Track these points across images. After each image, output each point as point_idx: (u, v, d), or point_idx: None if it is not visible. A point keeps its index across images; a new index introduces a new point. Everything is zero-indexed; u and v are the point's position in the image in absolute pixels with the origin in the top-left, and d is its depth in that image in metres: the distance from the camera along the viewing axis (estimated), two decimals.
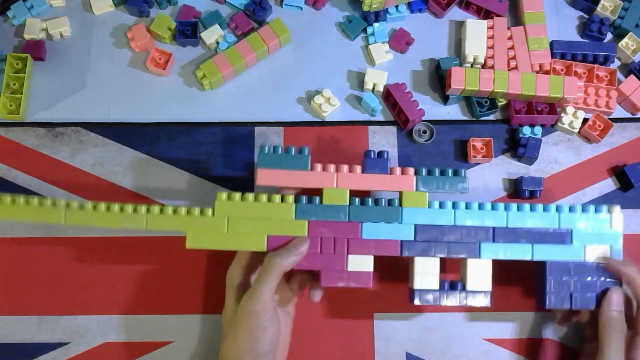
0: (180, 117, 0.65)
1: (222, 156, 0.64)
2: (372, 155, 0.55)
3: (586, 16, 0.70)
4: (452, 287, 0.55)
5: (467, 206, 0.55)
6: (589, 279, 0.56)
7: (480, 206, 0.55)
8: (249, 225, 0.53)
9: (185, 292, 0.60)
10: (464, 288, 0.55)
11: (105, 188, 0.62)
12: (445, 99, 0.66)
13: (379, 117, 0.66)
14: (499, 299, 0.60)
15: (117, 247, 0.61)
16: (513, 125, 0.65)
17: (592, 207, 0.56)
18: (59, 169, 0.63)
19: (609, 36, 0.69)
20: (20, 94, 0.63)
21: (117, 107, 0.65)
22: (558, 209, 0.56)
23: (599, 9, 0.68)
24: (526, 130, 0.64)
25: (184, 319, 0.59)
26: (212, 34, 0.67)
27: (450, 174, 0.55)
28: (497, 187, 0.64)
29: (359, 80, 0.67)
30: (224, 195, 0.54)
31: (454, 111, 0.66)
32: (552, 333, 0.60)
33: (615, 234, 0.56)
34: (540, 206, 0.56)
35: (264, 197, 0.54)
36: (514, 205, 0.55)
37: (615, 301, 0.54)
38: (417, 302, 0.54)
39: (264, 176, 0.54)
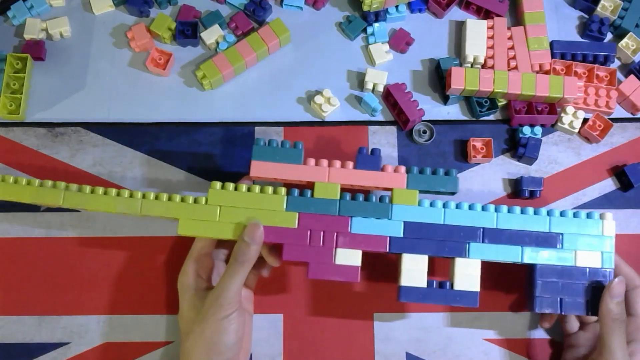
0: (180, 117, 0.65)
1: (222, 156, 0.64)
2: (365, 152, 0.56)
3: (586, 16, 0.70)
4: (441, 286, 0.55)
5: (458, 206, 0.56)
6: (578, 282, 0.55)
7: (471, 207, 0.56)
8: (241, 215, 0.55)
9: None
10: (451, 288, 0.55)
11: None
12: (445, 99, 0.66)
13: (379, 117, 0.66)
14: (499, 299, 0.61)
15: (117, 247, 0.61)
16: (513, 125, 0.65)
17: (583, 213, 0.56)
18: (59, 169, 0.63)
19: (609, 36, 0.69)
20: (20, 94, 0.63)
21: (117, 107, 0.65)
22: (549, 212, 0.56)
23: (599, 9, 0.68)
24: (526, 130, 0.64)
25: None
26: (212, 34, 0.67)
27: (441, 174, 0.56)
28: (497, 187, 0.64)
29: (359, 80, 0.67)
30: (217, 184, 0.55)
31: (454, 111, 0.66)
32: (552, 333, 0.60)
33: (606, 240, 0.56)
34: (531, 209, 0.56)
35: (256, 188, 0.55)
36: (504, 207, 0.56)
37: (617, 292, 0.54)
38: (403, 299, 0.54)
39: (257, 168, 0.55)
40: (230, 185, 0.55)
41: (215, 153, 0.64)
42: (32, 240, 0.61)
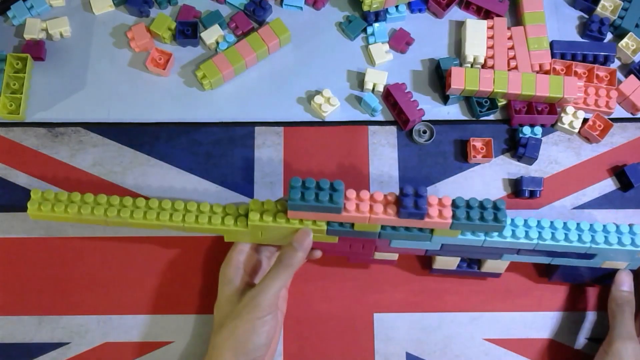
0: (180, 117, 0.65)
1: (222, 156, 0.64)
2: (409, 202, 0.50)
3: (586, 16, 0.70)
4: (469, 267, 0.59)
5: (500, 235, 0.54)
6: (595, 272, 0.58)
7: (514, 233, 0.53)
8: (283, 236, 0.55)
9: (185, 292, 0.60)
10: (479, 268, 0.59)
11: (105, 188, 0.62)
12: (445, 99, 0.66)
13: (379, 117, 0.66)
14: (499, 298, 0.61)
15: (117, 247, 0.61)
16: (513, 125, 0.65)
17: (628, 240, 0.54)
18: (59, 169, 0.63)
19: (609, 36, 0.69)
20: (20, 94, 0.63)
21: (117, 107, 0.65)
22: (593, 239, 0.54)
23: (599, 9, 0.68)
24: (526, 130, 0.64)
25: (184, 319, 0.59)
26: (212, 34, 0.67)
27: (490, 216, 0.51)
28: (497, 187, 0.64)
29: (359, 80, 0.67)
30: (256, 216, 0.53)
31: (454, 111, 0.66)
32: (552, 333, 0.60)
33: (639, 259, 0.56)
34: (574, 234, 0.54)
35: (296, 222, 0.53)
36: (547, 234, 0.54)
37: (623, 282, 0.56)
38: (434, 273, 0.60)
39: (294, 215, 0.53)
40: (269, 219, 0.53)
41: (215, 153, 0.64)
42: (32, 240, 0.61)
